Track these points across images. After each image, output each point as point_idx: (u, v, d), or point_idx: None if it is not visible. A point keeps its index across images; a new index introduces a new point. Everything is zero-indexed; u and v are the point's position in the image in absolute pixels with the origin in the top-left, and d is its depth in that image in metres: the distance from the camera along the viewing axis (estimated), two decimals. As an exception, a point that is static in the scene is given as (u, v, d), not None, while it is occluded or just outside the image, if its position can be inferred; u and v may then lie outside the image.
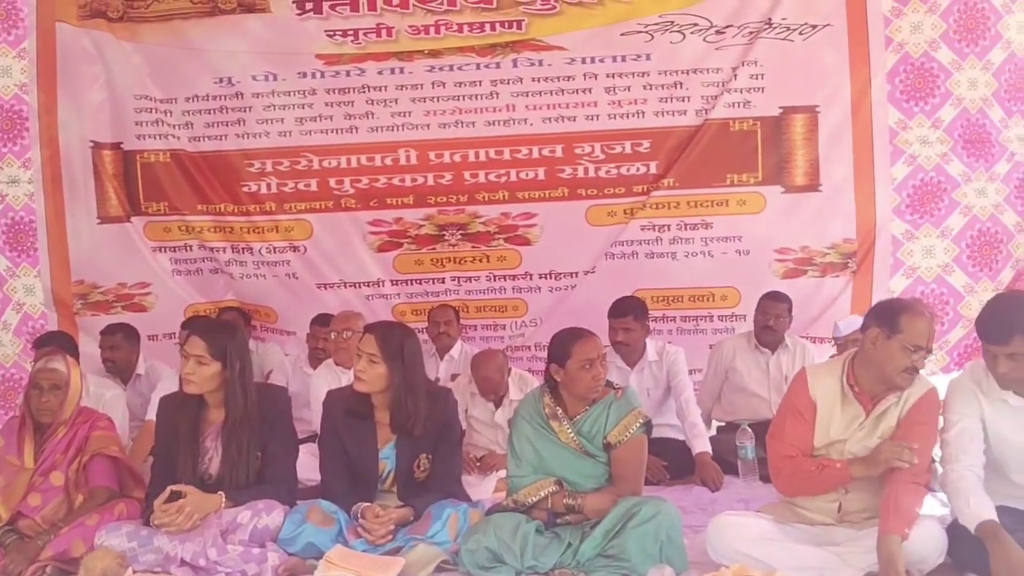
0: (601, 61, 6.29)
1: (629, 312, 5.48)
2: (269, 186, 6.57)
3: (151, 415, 5.14)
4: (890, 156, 6.17)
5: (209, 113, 6.50)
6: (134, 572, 3.71)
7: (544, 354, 5.98)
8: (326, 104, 6.42)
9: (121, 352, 5.75)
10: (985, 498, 3.39)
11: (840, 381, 3.64)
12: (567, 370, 3.88)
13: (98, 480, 4.14)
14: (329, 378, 5.47)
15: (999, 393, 3.51)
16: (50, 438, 4.16)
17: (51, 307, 6.34)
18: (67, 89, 6.36)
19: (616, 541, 3.63)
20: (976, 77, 6.07)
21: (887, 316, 3.57)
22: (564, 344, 3.93)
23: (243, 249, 6.67)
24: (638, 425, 3.90)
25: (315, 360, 5.96)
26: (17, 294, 6.28)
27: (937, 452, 3.66)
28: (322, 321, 6.02)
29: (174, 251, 6.67)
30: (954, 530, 3.44)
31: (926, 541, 3.37)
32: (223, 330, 4.15)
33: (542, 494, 3.86)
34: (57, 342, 5.04)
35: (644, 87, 6.30)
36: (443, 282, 6.65)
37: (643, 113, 6.32)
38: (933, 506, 3.82)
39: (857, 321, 5.09)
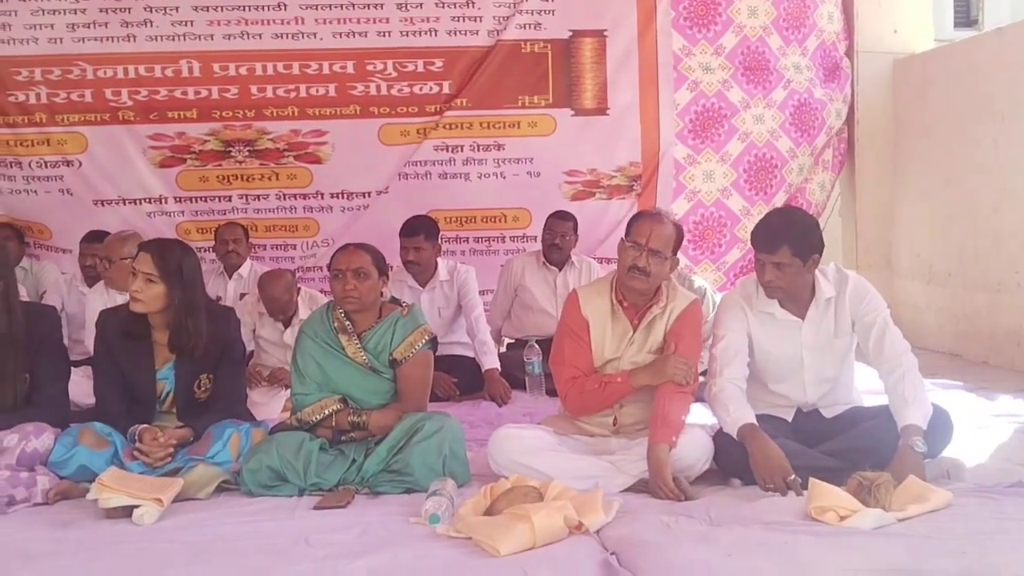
0: (393, -25, 6.20)
1: (420, 231, 5.48)
2: (39, 96, 6.21)
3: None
4: (674, 82, 6.36)
5: (-32, 16, 6.05)
6: None
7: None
8: (100, 10, 6.12)
9: None
10: (746, 406, 3.58)
11: (609, 299, 3.75)
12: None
13: None
14: (105, 300, 5.24)
15: (766, 306, 3.70)
16: None
17: None
18: None
19: (400, 456, 3.65)
20: (756, 5, 6.31)
21: (627, 224, 3.75)
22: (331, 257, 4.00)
23: (11, 163, 6.31)
24: (424, 342, 3.91)
25: (90, 279, 5.70)
26: None
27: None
28: (92, 238, 5.74)
29: (-66, 164, 6.23)
30: (719, 438, 3.62)
31: (692, 448, 3.54)
32: (-17, 248, 3.90)
33: (327, 412, 3.83)
34: None
35: (437, 5, 6.28)
36: (230, 200, 6.49)
37: (436, 32, 6.30)
38: (701, 415, 4.00)
39: None
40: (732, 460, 3.55)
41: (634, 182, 6.44)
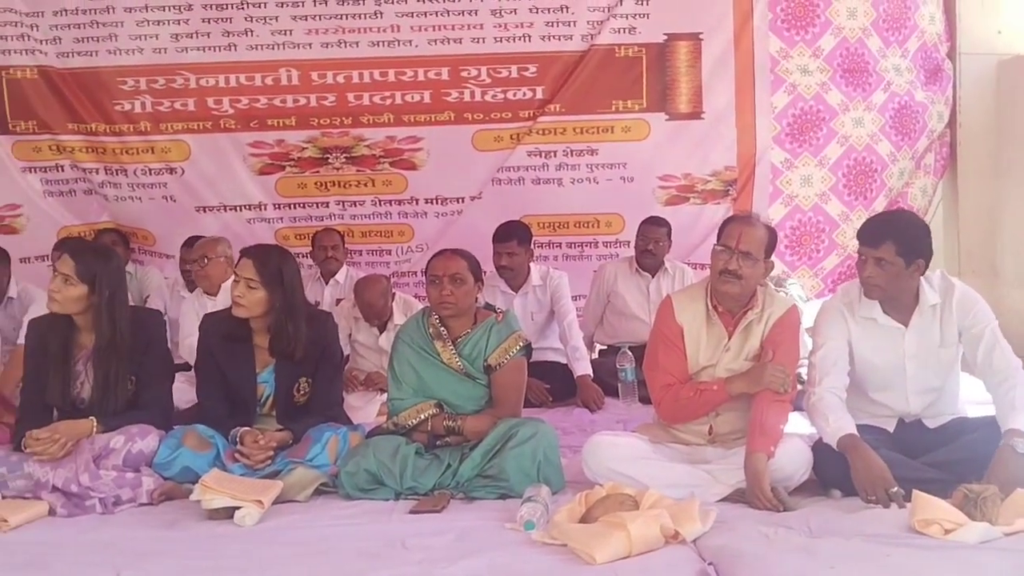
0: (487, -18, 6.22)
1: (513, 236, 5.49)
2: (144, 105, 6.37)
3: (23, 339, 4.99)
4: (771, 85, 6.27)
5: (79, 28, 6.26)
6: (3, 497, 3.62)
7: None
8: (203, 20, 6.23)
9: (-10, 274, 5.55)
10: (846, 415, 3.51)
11: (704, 304, 3.71)
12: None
13: (-36, 405, 4.02)
14: (196, 305, 5.38)
15: (868, 312, 3.62)
16: (-89, 363, 4.00)
17: (-87, 228, 6.09)
18: (-75, -1, 6.04)
19: (495, 461, 3.66)
20: (855, 6, 6.20)
21: (719, 229, 3.71)
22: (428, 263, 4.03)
23: (117, 170, 6.47)
24: (518, 348, 3.92)
25: (190, 284, 5.84)
26: None
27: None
28: (190, 244, 5.88)
29: (45, 171, 6.45)
30: (819, 449, 3.56)
31: (791, 458, 3.48)
32: (96, 254, 4.00)
33: (422, 416, 3.87)
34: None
35: (531, 10, 6.27)
36: (327, 206, 6.57)
37: (529, 37, 6.29)
38: (799, 425, 3.94)
39: None
40: (832, 471, 3.48)
41: (729, 187, 6.37)
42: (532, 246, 5.66)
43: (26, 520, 3.49)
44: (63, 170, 6.46)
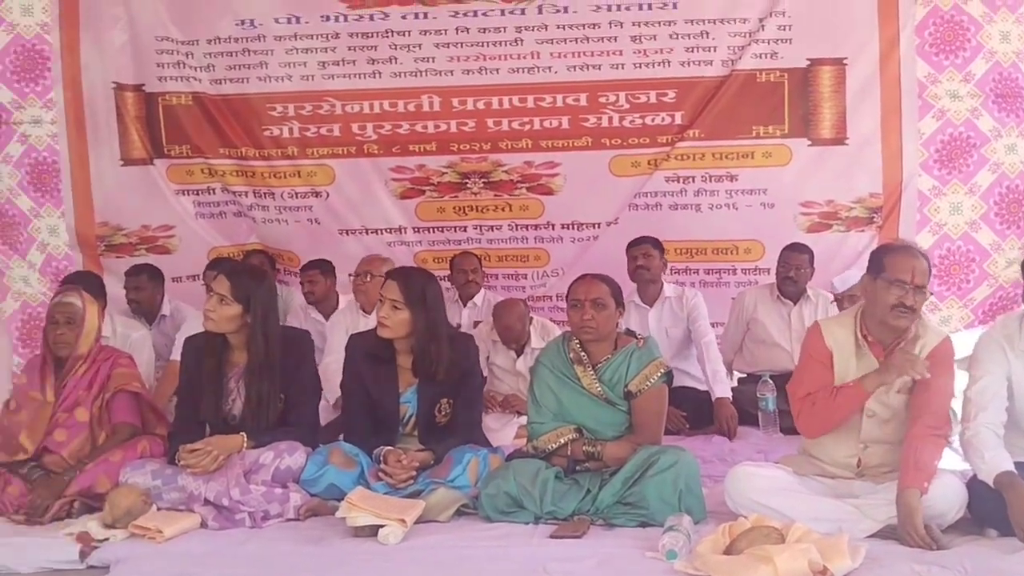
0: (627, 9, 6.20)
1: (647, 240, 5.64)
2: (291, 130, 6.54)
3: (176, 356, 5.20)
4: (918, 110, 6.09)
5: (231, 56, 6.44)
6: (158, 509, 3.76)
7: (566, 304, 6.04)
8: (349, 48, 6.35)
9: (145, 293, 5.79)
10: (1002, 452, 3.38)
11: (853, 333, 3.63)
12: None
13: (121, 416, 4.20)
14: (347, 321, 5.51)
15: (1031, 345, 3.50)
16: (71, 374, 4.19)
17: (75, 248, 6.34)
18: (89, 29, 6.29)
19: (635, 489, 3.65)
20: (1009, 30, 5.98)
21: (873, 259, 3.62)
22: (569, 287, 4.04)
23: (265, 194, 6.66)
24: (659, 375, 3.90)
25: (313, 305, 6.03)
26: (41, 234, 6.27)
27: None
28: (308, 267, 6.08)
29: (197, 194, 6.67)
30: (973, 486, 3.43)
31: (945, 495, 3.37)
32: (251, 275, 4.16)
33: (562, 441, 3.88)
34: (84, 281, 5.05)
35: (670, 36, 6.22)
36: (465, 230, 6.64)
37: (669, 63, 6.25)
38: (953, 461, 3.81)
39: (855, 276, 5.10)
40: (988, 509, 3.36)
41: (874, 214, 6.20)
42: (664, 255, 5.74)
43: (179, 532, 3.63)
44: (214, 193, 6.68)
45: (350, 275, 5.84)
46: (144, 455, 4.05)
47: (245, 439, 3.92)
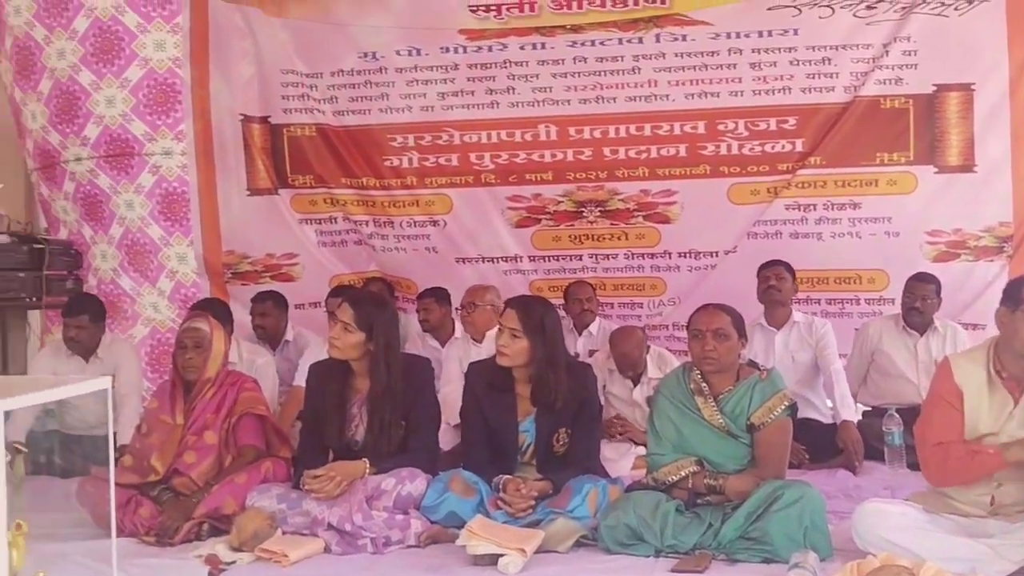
0: (747, 36, 6.17)
1: (780, 263, 5.58)
2: (410, 160, 6.65)
3: (299, 380, 5.32)
4: (1051, 137, 5.89)
5: (353, 88, 6.61)
6: (283, 533, 3.83)
7: (683, 333, 5.98)
8: (468, 79, 6.46)
9: (270, 319, 5.94)
10: None
11: (986, 369, 3.50)
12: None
13: (246, 439, 4.30)
14: (460, 351, 5.55)
15: None
16: (199, 397, 4.31)
17: (203, 275, 6.52)
18: (219, 63, 6.52)
19: (759, 524, 3.58)
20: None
21: (1010, 292, 3.49)
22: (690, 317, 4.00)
23: (385, 223, 6.78)
24: (783, 407, 3.83)
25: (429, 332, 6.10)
26: (171, 262, 6.47)
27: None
28: (426, 294, 6.15)
29: (320, 223, 6.82)
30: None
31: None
32: (373, 303, 4.23)
33: (683, 473, 3.83)
34: (212, 308, 5.21)
35: (791, 63, 6.15)
36: (580, 259, 6.64)
37: (789, 89, 6.18)
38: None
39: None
40: None
41: (1005, 243, 5.99)
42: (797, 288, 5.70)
43: (304, 556, 3.69)
44: (336, 222, 6.83)
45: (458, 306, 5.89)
46: (268, 477, 4.14)
47: (367, 465, 3.97)
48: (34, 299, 6.29)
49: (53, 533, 3.93)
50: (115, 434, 5.20)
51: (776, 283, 5.53)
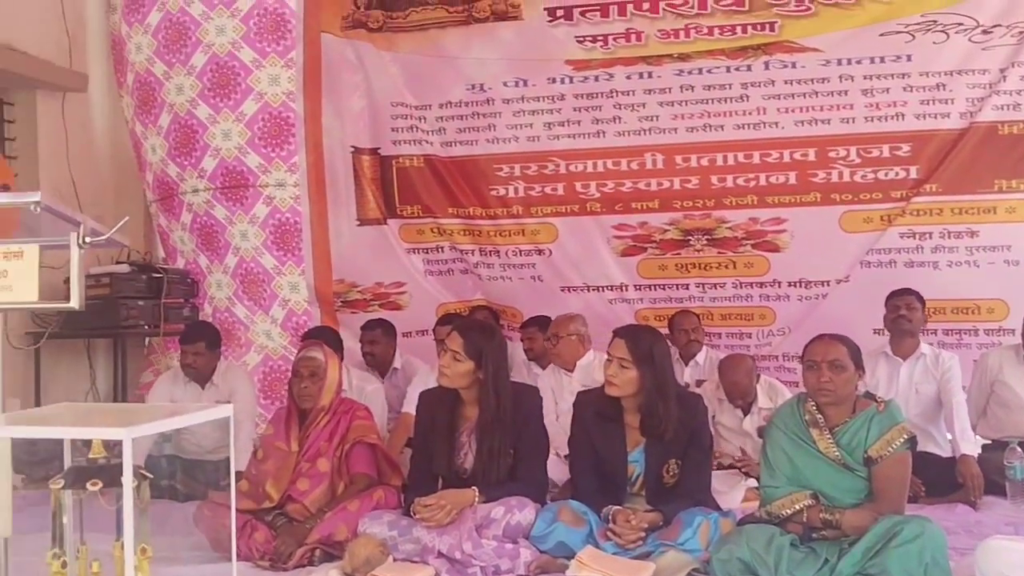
0: (858, 62, 6.13)
1: (911, 292, 5.44)
2: (516, 190, 6.71)
3: (407, 408, 5.38)
4: None
5: (461, 119, 6.72)
6: (394, 560, 3.85)
7: (793, 364, 5.89)
8: (574, 109, 6.51)
9: (380, 347, 6.02)
10: None
11: None
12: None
13: (358, 467, 4.34)
14: (551, 382, 5.55)
15: None
16: (313, 425, 4.37)
17: (314, 304, 6.64)
18: (331, 97, 6.67)
19: (876, 560, 3.48)
20: None
21: None
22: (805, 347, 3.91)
23: (490, 251, 6.84)
24: (902, 440, 3.72)
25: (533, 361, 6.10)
26: (283, 291, 6.61)
27: None
28: (530, 323, 6.18)
29: (427, 252, 6.92)
30: None
31: None
32: (482, 332, 4.24)
33: (797, 507, 3.74)
34: (324, 336, 5.31)
35: (904, 89, 6.07)
36: (687, 288, 6.59)
37: (903, 116, 6.09)
38: None
39: None
40: None
41: None
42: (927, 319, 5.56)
43: (415, 583, 3.71)
44: (443, 251, 6.92)
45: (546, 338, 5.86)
46: (380, 505, 4.17)
47: (477, 493, 3.98)
48: (152, 327, 6.50)
49: (173, 557, 4.03)
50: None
51: (907, 312, 5.39)
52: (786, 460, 3.83)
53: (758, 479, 4.12)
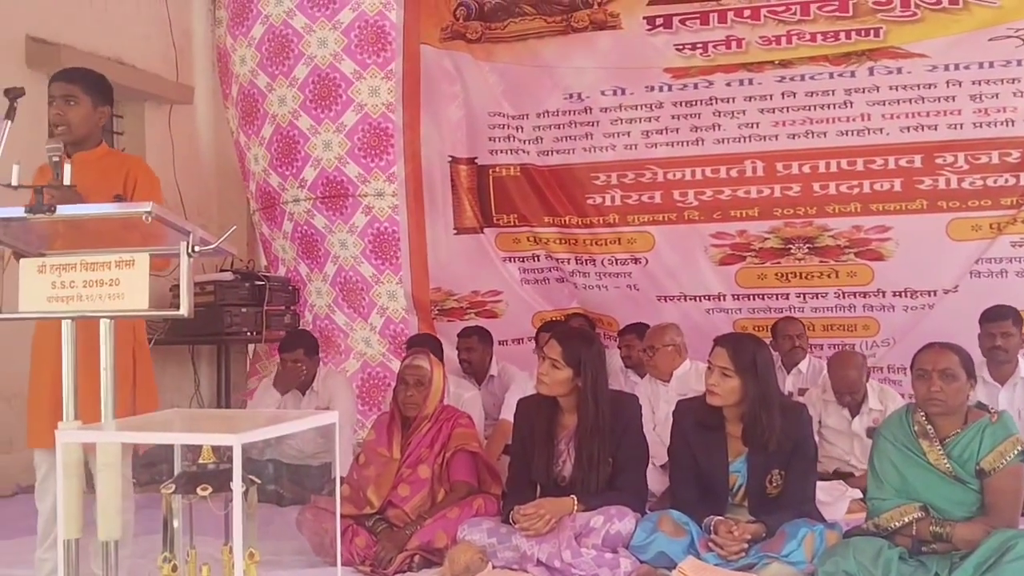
0: (966, 68, 5.98)
1: (1008, 315, 5.22)
2: (613, 199, 6.68)
3: (504, 415, 5.38)
4: None
5: (558, 128, 6.73)
6: (493, 567, 3.85)
7: (898, 376, 5.74)
8: (672, 117, 6.47)
9: (476, 354, 6.05)
10: None
11: None
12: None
13: (459, 475, 4.34)
14: (648, 392, 5.50)
15: None
16: (415, 432, 4.39)
17: (412, 312, 6.72)
18: (429, 107, 6.75)
19: (988, 575, 3.37)
20: None
21: None
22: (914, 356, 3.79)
23: (586, 260, 6.81)
24: (1016, 453, 3.60)
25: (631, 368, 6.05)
26: (381, 299, 6.70)
27: None
28: (628, 330, 6.12)
29: (523, 261, 6.94)
30: None
31: None
32: (580, 339, 4.22)
33: (906, 519, 3.64)
34: (427, 344, 5.36)
35: (1014, 94, 5.91)
36: (787, 298, 6.48)
37: (1012, 122, 5.94)
38: None
39: None
40: None
41: None
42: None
43: (515, 590, 3.70)
44: (538, 259, 6.93)
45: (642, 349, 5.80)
46: (479, 513, 4.16)
47: (576, 502, 3.95)
48: (255, 334, 6.63)
49: (277, 561, 4.08)
50: (331, 465, 5.40)
51: (1002, 342, 5.18)
52: (894, 472, 3.73)
53: (863, 490, 4.02)
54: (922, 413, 3.74)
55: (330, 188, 6.64)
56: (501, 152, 6.86)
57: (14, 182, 2.65)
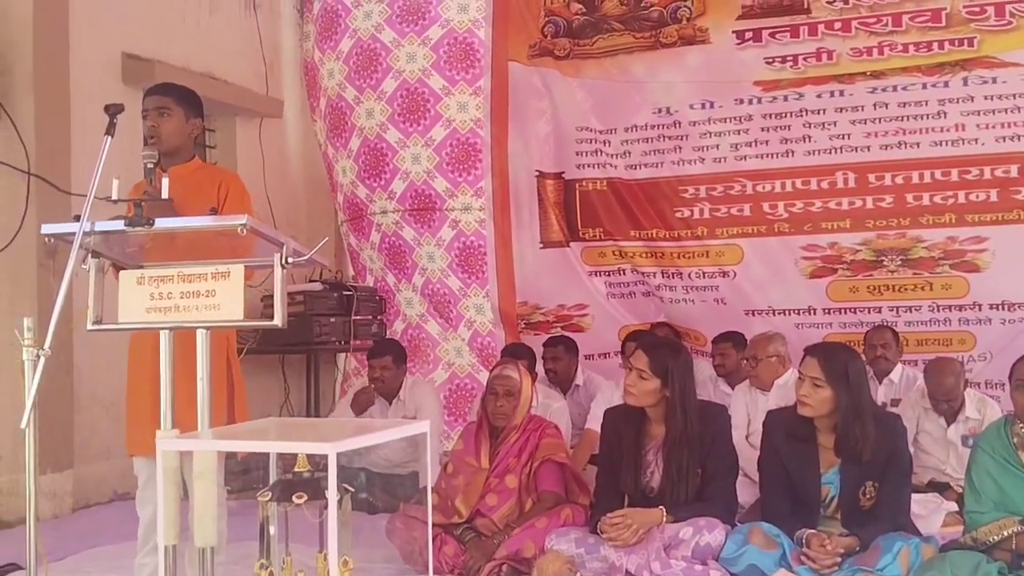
0: (1066, 75, 5.81)
1: None
2: (701, 211, 6.65)
3: (591, 424, 5.38)
4: None
5: (646, 142, 6.72)
6: (577, 576, 3.85)
7: (996, 392, 5.58)
8: (762, 129, 6.43)
9: (562, 363, 6.06)
10: None
11: None
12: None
13: (547, 485, 4.33)
14: (747, 400, 5.43)
15: None
16: (503, 442, 4.40)
17: (499, 325, 6.74)
18: (517, 123, 6.79)
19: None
20: None
21: None
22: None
23: (673, 274, 6.78)
24: (1119, 466, 3.49)
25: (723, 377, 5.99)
26: (469, 312, 6.75)
27: None
28: (723, 337, 6.05)
29: (608, 275, 6.93)
30: None
31: None
32: (667, 349, 4.20)
33: (1005, 533, 3.55)
34: (521, 354, 5.39)
35: (1111, 102, 5.73)
36: (879, 311, 6.36)
37: (1112, 131, 5.76)
38: None
39: None
40: None
41: None
42: None
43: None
44: (624, 273, 6.92)
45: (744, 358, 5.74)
46: (567, 523, 4.15)
47: (664, 513, 3.93)
48: (343, 343, 6.73)
49: (368, 568, 4.12)
50: (419, 474, 5.45)
51: None
52: (993, 484, 3.64)
53: (958, 503, 3.93)
54: (1021, 425, 3.65)
55: (418, 201, 6.73)
56: (588, 166, 6.87)
57: (114, 196, 2.74)
